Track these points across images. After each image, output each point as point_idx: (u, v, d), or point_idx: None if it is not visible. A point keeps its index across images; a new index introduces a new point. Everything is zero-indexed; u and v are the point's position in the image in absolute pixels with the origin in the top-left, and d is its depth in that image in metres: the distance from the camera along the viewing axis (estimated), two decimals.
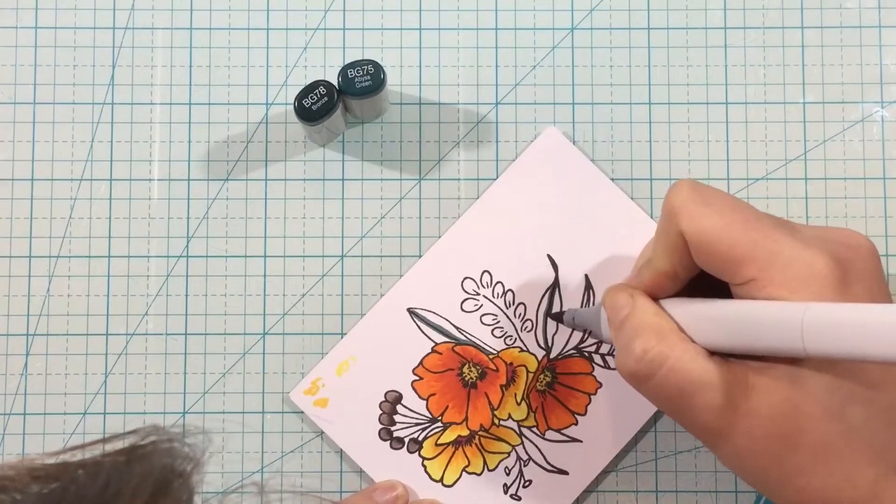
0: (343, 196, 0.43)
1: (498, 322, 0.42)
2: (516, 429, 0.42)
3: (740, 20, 0.44)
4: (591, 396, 0.42)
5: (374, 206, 0.43)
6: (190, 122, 0.44)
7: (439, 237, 0.43)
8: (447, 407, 0.42)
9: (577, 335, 0.42)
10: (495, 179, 0.43)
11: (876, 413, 0.30)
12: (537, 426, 0.42)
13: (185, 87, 0.44)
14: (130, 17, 0.44)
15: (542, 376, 0.42)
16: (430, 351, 0.42)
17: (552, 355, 0.42)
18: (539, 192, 0.42)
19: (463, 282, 0.42)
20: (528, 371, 0.42)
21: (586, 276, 0.42)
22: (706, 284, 0.34)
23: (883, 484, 0.31)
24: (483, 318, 0.42)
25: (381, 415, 0.42)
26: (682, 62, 0.44)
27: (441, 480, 0.42)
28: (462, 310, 0.42)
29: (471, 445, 0.42)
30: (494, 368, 0.42)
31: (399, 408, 0.42)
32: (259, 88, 0.44)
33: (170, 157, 0.43)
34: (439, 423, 0.42)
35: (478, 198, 0.43)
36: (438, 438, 0.42)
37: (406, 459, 0.42)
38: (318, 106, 0.40)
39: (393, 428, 0.42)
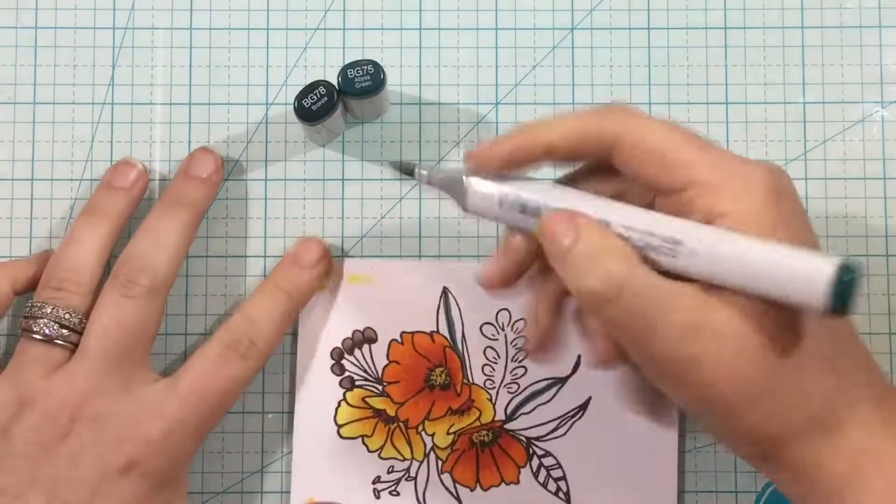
0: (343, 196, 0.43)
1: (495, 363, 0.42)
2: (427, 449, 0.42)
3: (740, 20, 0.44)
4: (503, 483, 0.42)
5: (374, 206, 0.43)
6: (190, 122, 0.44)
7: (439, 237, 0.43)
8: (398, 382, 0.42)
9: (547, 428, 0.42)
10: None
11: (824, 324, 0.31)
12: (444, 463, 0.42)
13: (185, 87, 0.44)
14: (130, 17, 0.44)
15: (484, 432, 0.42)
16: (427, 332, 0.42)
17: (507, 426, 0.42)
18: None
19: (499, 312, 0.42)
20: (478, 418, 0.42)
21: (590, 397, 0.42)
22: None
23: (837, 396, 0.31)
24: (487, 351, 0.42)
25: (346, 339, 0.42)
26: (682, 62, 0.44)
27: (339, 425, 0.42)
28: (480, 330, 0.42)
29: (385, 426, 0.42)
30: (458, 392, 0.42)
31: (364, 348, 0.42)
32: (259, 88, 0.44)
33: (170, 157, 0.43)
34: (379, 387, 0.42)
35: None
36: (368, 396, 0.42)
37: (331, 387, 0.42)
38: (318, 106, 0.40)
39: (346, 357, 0.42)
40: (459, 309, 0.42)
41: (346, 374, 0.42)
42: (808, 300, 0.28)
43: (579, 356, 0.42)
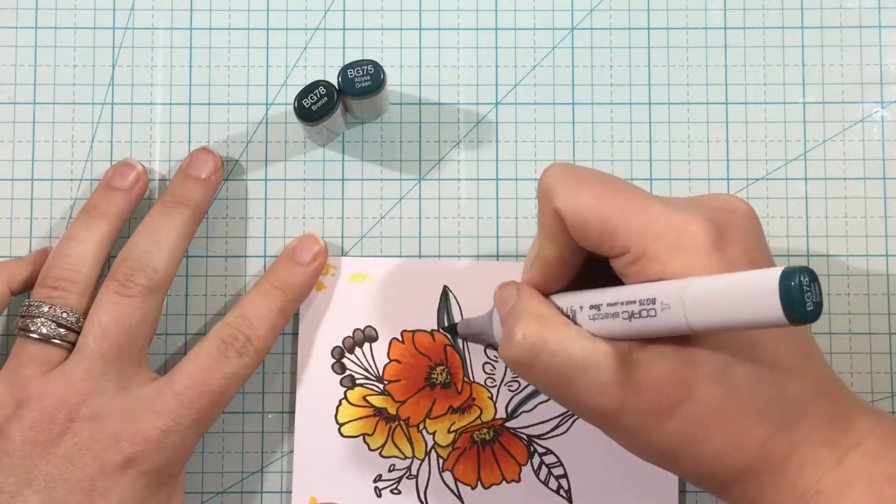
0: (343, 196, 0.43)
1: (496, 361, 0.42)
2: (428, 448, 0.42)
3: (740, 20, 0.44)
4: (504, 482, 0.42)
5: (374, 206, 0.43)
6: (190, 122, 0.44)
7: (438, 237, 0.43)
8: (398, 380, 0.42)
9: (548, 426, 0.42)
10: (495, 180, 0.43)
11: (758, 372, 0.30)
12: (445, 461, 0.42)
13: (185, 87, 0.44)
14: (130, 17, 0.44)
15: (485, 430, 0.42)
16: (428, 330, 0.42)
17: (508, 424, 0.42)
18: None
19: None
20: (479, 416, 0.42)
21: None
22: (605, 276, 0.33)
23: (771, 443, 0.31)
24: (487, 349, 0.42)
25: (346, 338, 0.42)
26: (682, 62, 0.44)
27: (340, 424, 0.42)
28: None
29: (386, 425, 0.42)
30: (459, 390, 0.42)
31: (364, 347, 0.42)
32: (259, 88, 0.44)
33: (170, 157, 0.43)
34: (380, 386, 0.42)
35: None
36: (368, 395, 0.42)
37: (331, 385, 0.42)
38: (318, 106, 0.40)
39: (347, 356, 0.42)
40: (460, 307, 0.42)
41: (347, 372, 0.42)
42: (771, 317, 0.27)
43: None
